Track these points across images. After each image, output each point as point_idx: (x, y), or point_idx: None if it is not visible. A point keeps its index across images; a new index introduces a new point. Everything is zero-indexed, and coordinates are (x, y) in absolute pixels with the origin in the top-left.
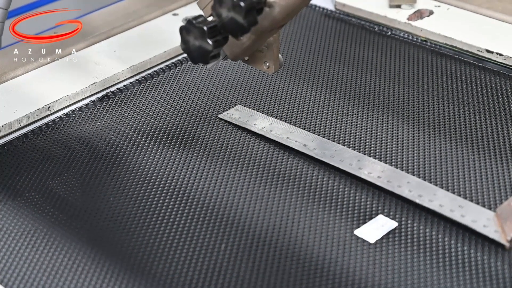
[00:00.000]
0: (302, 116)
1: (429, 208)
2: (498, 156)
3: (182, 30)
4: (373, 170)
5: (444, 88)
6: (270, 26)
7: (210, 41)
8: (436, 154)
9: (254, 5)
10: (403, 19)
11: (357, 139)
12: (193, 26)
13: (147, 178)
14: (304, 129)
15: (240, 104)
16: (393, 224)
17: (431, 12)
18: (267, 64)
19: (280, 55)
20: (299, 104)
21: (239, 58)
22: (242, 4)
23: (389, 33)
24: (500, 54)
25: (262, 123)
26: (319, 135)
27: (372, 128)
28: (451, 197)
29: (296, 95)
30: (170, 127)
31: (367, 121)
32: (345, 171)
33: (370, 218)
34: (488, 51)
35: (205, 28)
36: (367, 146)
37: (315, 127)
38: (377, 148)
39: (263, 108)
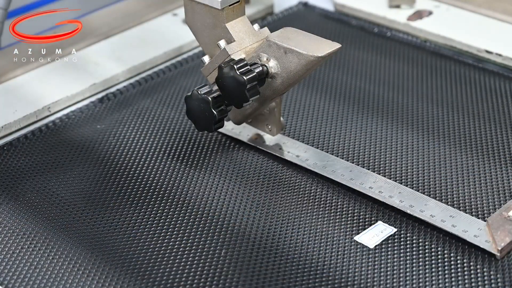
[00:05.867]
0: (295, 125)
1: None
2: (492, 163)
3: (187, 99)
4: (365, 181)
5: (444, 90)
6: (272, 95)
7: (215, 111)
8: (430, 162)
9: (256, 78)
10: (402, 20)
11: (350, 148)
12: (198, 96)
13: (147, 181)
14: (298, 139)
15: None
16: (392, 230)
17: (430, 13)
18: (269, 127)
19: (282, 118)
20: (293, 112)
21: (241, 123)
22: (244, 78)
23: (389, 33)
24: (500, 55)
25: (255, 134)
26: (312, 145)
27: (366, 136)
28: (443, 207)
29: (289, 102)
30: (169, 129)
31: (361, 128)
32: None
33: (370, 225)
34: (487, 51)
35: (209, 98)
36: (360, 156)
37: (309, 137)
38: (371, 157)
39: None
